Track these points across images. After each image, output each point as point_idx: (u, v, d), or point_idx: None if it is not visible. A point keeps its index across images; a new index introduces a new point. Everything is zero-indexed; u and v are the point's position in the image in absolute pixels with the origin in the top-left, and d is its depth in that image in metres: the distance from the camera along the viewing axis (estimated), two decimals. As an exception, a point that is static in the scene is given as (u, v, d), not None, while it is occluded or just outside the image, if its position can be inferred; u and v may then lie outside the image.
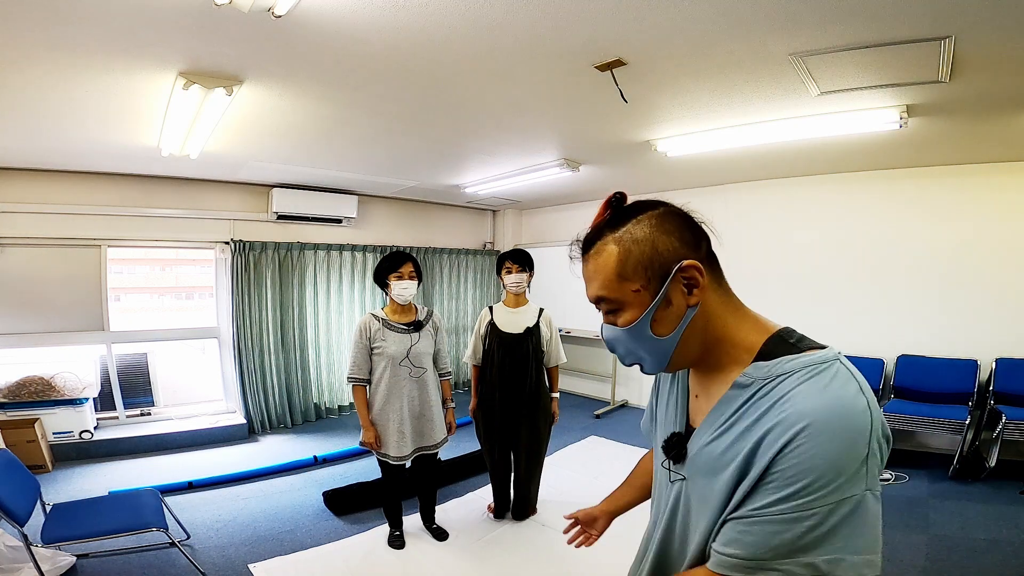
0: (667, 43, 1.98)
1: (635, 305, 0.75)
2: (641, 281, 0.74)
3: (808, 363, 0.68)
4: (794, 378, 0.68)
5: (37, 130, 2.97)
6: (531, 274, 2.87)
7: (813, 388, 0.66)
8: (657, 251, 0.74)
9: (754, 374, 0.72)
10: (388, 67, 2.22)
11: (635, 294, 0.75)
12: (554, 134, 3.32)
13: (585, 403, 5.75)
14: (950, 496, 3.19)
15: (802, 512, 0.61)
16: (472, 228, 6.70)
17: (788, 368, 0.69)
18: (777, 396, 0.67)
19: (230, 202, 4.71)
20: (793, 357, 0.70)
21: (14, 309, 3.91)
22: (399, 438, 2.56)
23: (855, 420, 0.63)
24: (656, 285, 0.74)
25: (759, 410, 0.69)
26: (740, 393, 0.72)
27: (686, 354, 0.77)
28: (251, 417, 4.66)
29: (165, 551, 2.56)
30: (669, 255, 0.74)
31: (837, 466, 0.61)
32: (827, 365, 0.68)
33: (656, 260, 0.74)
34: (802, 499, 0.61)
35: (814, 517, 0.61)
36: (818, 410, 0.63)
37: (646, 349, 0.77)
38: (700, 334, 0.76)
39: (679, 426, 0.85)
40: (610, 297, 0.77)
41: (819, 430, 0.62)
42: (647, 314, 0.74)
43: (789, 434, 0.63)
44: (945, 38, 1.83)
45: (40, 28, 1.80)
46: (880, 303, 4.11)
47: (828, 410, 0.63)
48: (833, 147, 3.40)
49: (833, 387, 0.65)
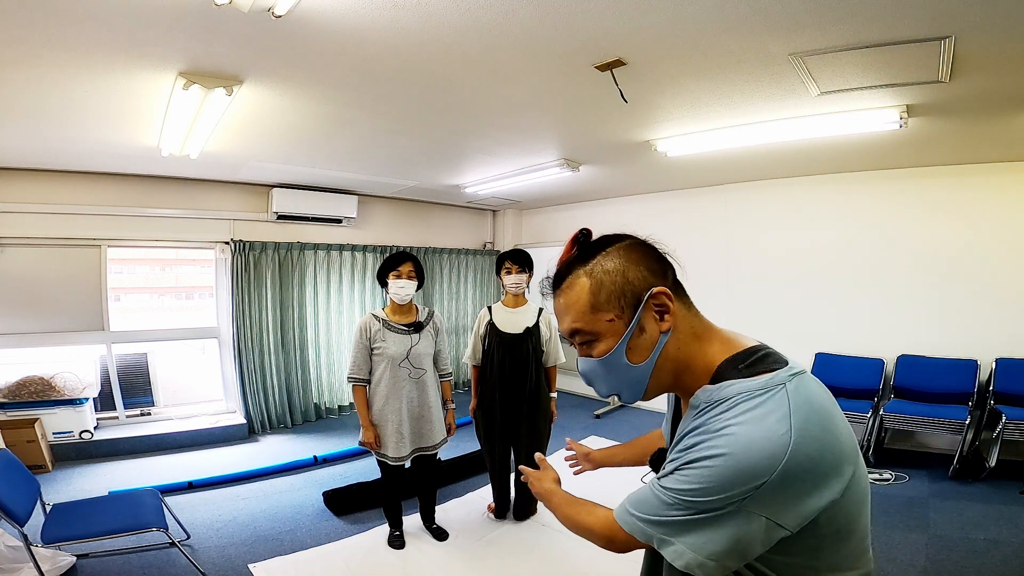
0: (667, 43, 1.98)
1: (609, 335, 0.78)
2: (615, 311, 0.78)
3: (743, 390, 0.71)
4: (724, 405, 0.71)
5: (37, 130, 2.97)
6: (531, 274, 2.87)
7: (734, 416, 0.69)
8: (628, 280, 0.78)
9: (701, 397, 0.76)
10: (388, 67, 2.22)
11: (609, 324, 0.78)
12: (554, 134, 3.32)
13: (585, 403, 5.75)
14: (950, 496, 3.19)
15: (677, 499, 0.70)
16: (472, 228, 6.70)
17: (724, 394, 0.72)
18: (706, 419, 0.72)
19: (230, 202, 4.71)
20: (731, 383, 0.73)
21: (14, 309, 3.91)
22: (398, 439, 2.56)
23: (763, 451, 0.65)
24: (629, 314, 0.77)
25: (697, 432, 0.73)
26: (691, 414, 0.77)
27: (661, 379, 0.80)
28: (251, 417, 4.66)
29: (165, 551, 2.56)
30: (639, 283, 0.77)
31: (723, 487, 0.66)
32: (762, 393, 0.70)
33: (627, 289, 0.77)
34: (682, 497, 0.70)
35: (678, 508, 0.71)
36: (731, 437, 0.67)
37: (623, 378, 0.80)
38: (672, 360, 0.79)
39: (668, 442, 0.92)
40: (584, 329, 0.79)
41: (725, 455, 0.66)
42: (622, 342, 0.77)
43: (702, 447, 0.69)
44: (945, 38, 1.83)
45: (40, 28, 1.80)
46: (880, 303, 4.11)
47: (740, 439, 0.66)
48: (833, 147, 3.40)
49: (753, 416, 0.68)
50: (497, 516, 3.04)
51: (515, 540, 2.83)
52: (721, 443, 0.67)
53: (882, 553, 2.54)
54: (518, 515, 3.01)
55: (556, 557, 2.65)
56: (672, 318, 0.77)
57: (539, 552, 2.71)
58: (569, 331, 0.82)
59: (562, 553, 2.68)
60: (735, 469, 0.65)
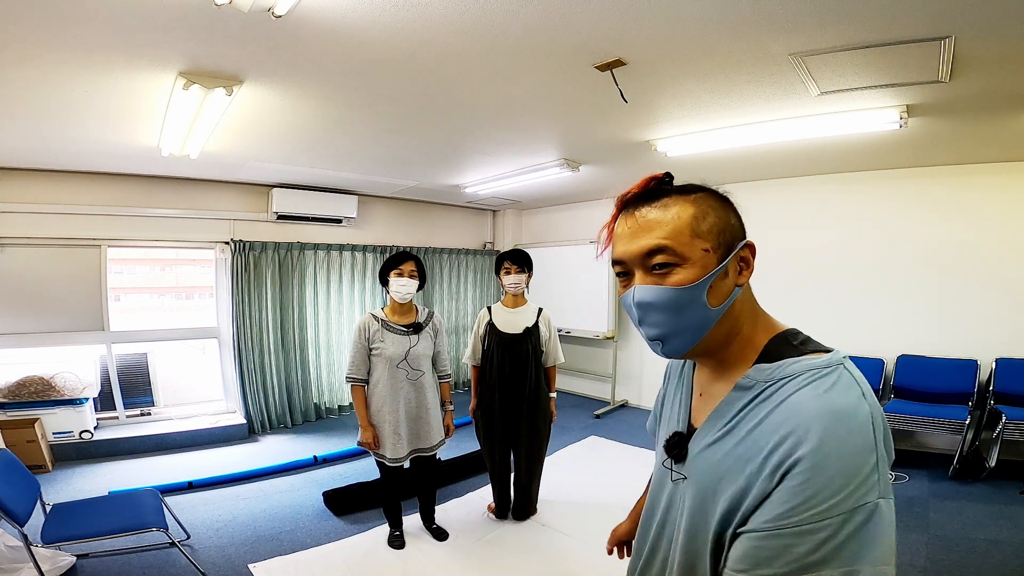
0: (667, 43, 1.98)
1: (698, 265, 0.71)
2: (712, 243, 0.72)
3: (811, 367, 0.67)
4: (795, 382, 0.66)
5: (37, 130, 2.96)
6: (530, 274, 2.87)
7: (814, 394, 0.64)
8: (729, 223, 0.75)
9: (756, 376, 0.71)
10: (388, 67, 2.22)
11: (703, 253, 0.71)
12: (554, 134, 3.32)
13: (585, 403, 5.75)
14: (950, 496, 3.19)
15: (814, 524, 0.59)
16: (472, 228, 6.70)
17: (790, 371, 0.68)
18: (778, 401, 0.66)
19: (230, 202, 4.71)
20: (796, 360, 0.69)
21: (14, 309, 3.91)
22: (395, 440, 2.56)
23: (860, 427, 0.61)
24: (722, 253, 0.72)
25: (760, 414, 0.67)
26: (741, 395, 0.72)
27: (717, 335, 0.74)
28: (251, 417, 4.66)
29: (165, 551, 2.56)
30: (737, 230, 0.75)
31: (846, 474, 0.59)
32: (830, 370, 0.66)
33: (728, 230, 0.74)
34: (813, 510, 0.59)
35: (827, 528, 0.58)
36: (823, 417, 0.61)
37: (688, 319, 0.72)
38: (732, 319, 0.74)
39: (681, 425, 0.85)
40: (675, 249, 0.71)
41: (825, 439, 0.60)
42: (711, 276, 0.71)
43: (792, 442, 0.61)
44: (945, 38, 1.83)
45: (40, 28, 1.80)
46: (880, 303, 4.11)
47: (832, 417, 0.61)
48: (833, 147, 3.40)
49: (835, 393, 0.64)
50: (498, 516, 3.04)
51: (515, 540, 2.83)
52: (814, 421, 0.61)
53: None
54: (518, 515, 3.01)
55: (556, 557, 2.65)
56: (748, 275, 0.75)
57: (539, 552, 2.71)
58: (654, 247, 0.72)
59: (562, 553, 2.68)
60: (847, 451, 0.60)
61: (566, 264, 5.85)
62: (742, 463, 0.67)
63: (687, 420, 0.84)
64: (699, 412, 0.82)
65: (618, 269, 0.78)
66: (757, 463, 0.64)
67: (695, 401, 0.85)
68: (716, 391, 0.78)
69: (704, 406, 0.81)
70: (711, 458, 0.73)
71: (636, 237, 0.74)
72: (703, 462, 0.75)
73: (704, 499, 0.73)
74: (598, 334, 5.61)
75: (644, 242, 0.73)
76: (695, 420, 0.83)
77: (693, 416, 0.84)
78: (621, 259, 0.75)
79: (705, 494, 0.73)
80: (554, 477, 3.47)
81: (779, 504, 0.61)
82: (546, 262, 5.74)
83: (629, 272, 0.76)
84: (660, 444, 0.88)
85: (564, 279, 5.83)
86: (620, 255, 0.75)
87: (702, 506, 0.74)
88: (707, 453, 0.75)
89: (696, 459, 0.77)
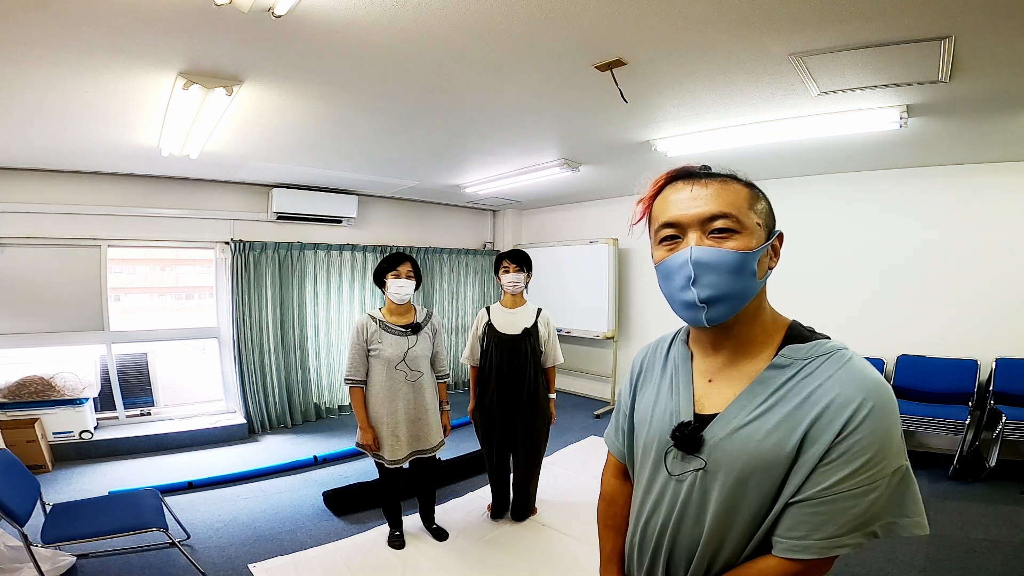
0: (667, 43, 1.98)
1: (754, 237, 0.77)
2: (762, 220, 0.79)
3: (836, 347, 0.76)
4: (833, 359, 0.73)
5: (38, 130, 2.96)
6: (529, 274, 2.86)
7: (855, 368, 0.72)
8: (772, 210, 0.82)
9: (792, 355, 0.76)
10: (388, 67, 2.22)
11: (757, 227, 0.78)
12: (554, 134, 3.32)
13: (585, 403, 5.75)
14: (950, 496, 3.19)
15: (868, 486, 0.67)
16: (472, 228, 6.71)
17: (826, 350, 0.75)
18: (824, 375, 0.72)
19: (230, 202, 4.71)
20: (824, 341, 0.77)
21: (14, 309, 3.91)
22: (393, 441, 2.55)
23: (894, 399, 0.71)
24: (767, 234, 0.79)
25: (806, 389, 0.73)
26: (778, 374, 0.76)
27: (748, 311, 0.79)
28: (251, 417, 4.66)
29: (165, 551, 2.56)
30: (775, 219, 0.83)
31: (891, 439, 0.68)
32: (848, 351, 0.75)
33: (772, 216, 0.82)
34: (868, 472, 0.67)
35: (878, 489, 0.68)
36: (869, 388, 0.70)
37: (739, 284, 0.76)
38: (759, 299, 0.81)
39: (686, 415, 0.82)
40: (738, 216, 0.77)
41: (876, 407, 0.68)
42: (765, 246, 0.78)
43: (848, 411, 0.68)
44: (945, 38, 1.83)
45: (40, 28, 1.80)
46: (880, 303, 4.11)
47: (877, 388, 0.70)
48: (833, 147, 3.40)
49: (868, 368, 0.73)
50: (495, 516, 3.04)
51: (515, 540, 2.83)
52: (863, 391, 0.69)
53: (882, 553, 2.54)
54: (517, 516, 3.01)
55: (556, 557, 2.65)
56: (776, 261, 0.82)
57: (539, 552, 2.71)
58: (718, 213, 0.76)
59: (562, 553, 2.68)
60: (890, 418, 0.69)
61: (566, 264, 5.85)
62: (792, 436, 0.71)
63: (692, 409, 0.83)
64: (710, 399, 0.82)
65: (667, 232, 0.80)
66: (809, 433, 0.70)
67: (701, 389, 0.83)
68: (736, 374, 0.80)
69: (718, 391, 0.81)
70: (747, 439, 0.74)
71: (699, 202, 0.78)
72: (734, 444, 0.75)
73: (741, 480, 0.74)
74: (598, 334, 5.61)
75: (709, 207, 0.77)
76: (704, 407, 0.81)
77: (700, 404, 0.82)
78: (678, 221, 0.79)
79: (743, 475, 0.74)
80: (554, 477, 3.47)
81: (837, 469, 0.68)
82: (546, 262, 5.74)
83: (678, 237, 0.79)
84: (655, 442, 0.85)
85: (564, 279, 5.83)
86: (677, 218, 0.79)
87: (738, 488, 0.74)
88: (740, 435, 0.75)
89: (724, 443, 0.76)
